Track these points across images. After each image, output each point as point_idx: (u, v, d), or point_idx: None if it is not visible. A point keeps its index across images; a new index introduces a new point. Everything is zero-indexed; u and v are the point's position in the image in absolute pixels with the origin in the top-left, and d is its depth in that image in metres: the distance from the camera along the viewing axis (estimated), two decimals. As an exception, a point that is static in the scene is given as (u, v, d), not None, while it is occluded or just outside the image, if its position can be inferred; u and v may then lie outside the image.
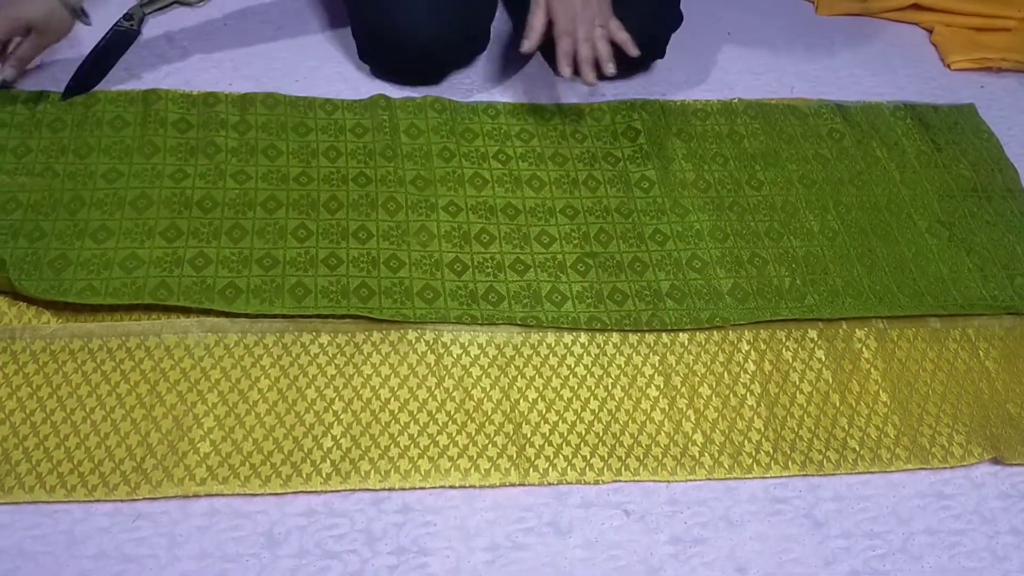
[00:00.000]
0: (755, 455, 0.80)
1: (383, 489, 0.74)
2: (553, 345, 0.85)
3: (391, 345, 0.83)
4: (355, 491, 0.74)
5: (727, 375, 0.85)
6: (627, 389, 0.83)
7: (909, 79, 1.21)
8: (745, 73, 1.18)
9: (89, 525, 0.70)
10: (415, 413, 0.79)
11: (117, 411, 0.76)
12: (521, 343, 0.85)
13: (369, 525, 0.72)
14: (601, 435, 0.79)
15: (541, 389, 0.82)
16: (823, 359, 0.87)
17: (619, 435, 0.80)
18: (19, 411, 0.75)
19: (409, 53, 1.04)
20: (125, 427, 0.75)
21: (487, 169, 0.99)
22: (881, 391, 0.85)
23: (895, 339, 0.89)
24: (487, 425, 0.79)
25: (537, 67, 1.13)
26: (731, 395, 0.83)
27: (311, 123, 1.00)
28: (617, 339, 0.86)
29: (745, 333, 0.88)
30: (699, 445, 0.80)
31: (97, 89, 1.00)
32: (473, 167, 0.99)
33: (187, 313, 0.82)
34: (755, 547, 0.75)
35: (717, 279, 0.92)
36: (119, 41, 1.02)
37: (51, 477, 0.71)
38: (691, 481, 0.78)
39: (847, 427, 0.82)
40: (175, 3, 1.01)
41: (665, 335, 0.87)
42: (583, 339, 0.85)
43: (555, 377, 0.83)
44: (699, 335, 0.87)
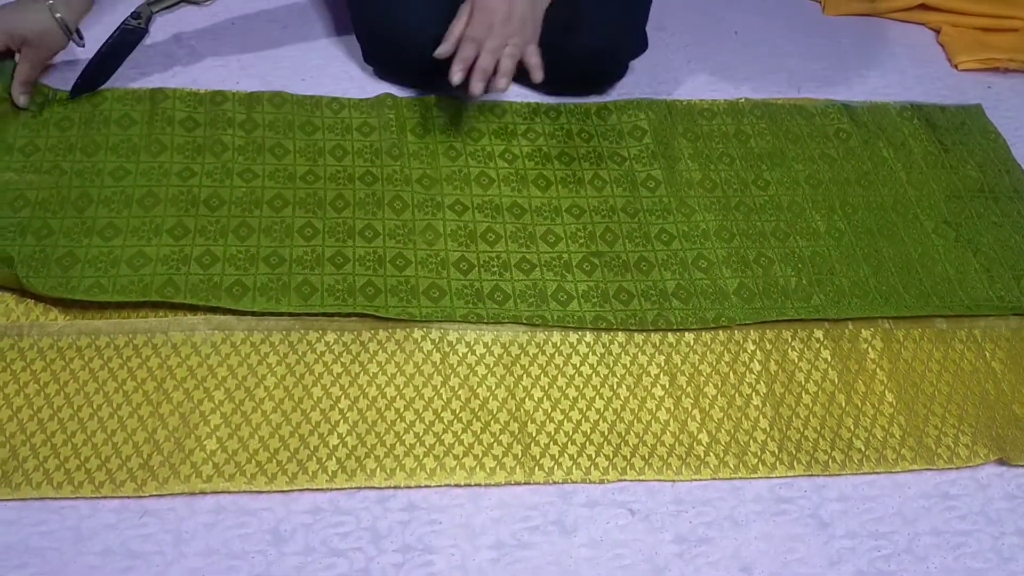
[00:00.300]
0: (760, 455, 0.80)
1: (388, 487, 0.75)
2: (559, 344, 0.85)
3: (397, 343, 0.83)
4: (360, 489, 0.74)
5: (733, 375, 0.85)
6: (632, 388, 0.83)
7: (916, 79, 1.21)
8: (752, 73, 1.18)
9: (96, 521, 0.70)
10: (420, 411, 0.79)
11: (124, 408, 0.76)
12: (527, 342, 0.85)
13: (374, 523, 0.73)
14: (606, 434, 0.79)
15: (546, 388, 0.82)
16: (829, 359, 0.87)
17: (624, 434, 0.80)
18: (26, 408, 0.75)
19: (410, 53, 1.04)
20: (132, 424, 0.75)
21: (493, 168, 0.99)
22: (887, 391, 0.85)
23: (901, 339, 0.89)
24: (492, 424, 0.79)
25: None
26: (737, 395, 0.83)
27: (318, 122, 1.01)
28: (623, 338, 0.86)
29: (751, 333, 0.88)
30: (704, 445, 0.80)
31: (104, 87, 1.00)
32: (479, 166, 0.99)
33: (194, 311, 0.83)
34: (760, 547, 0.75)
35: (723, 279, 0.92)
36: (127, 40, 1.02)
37: (58, 474, 0.72)
38: (696, 481, 0.78)
39: (853, 427, 0.82)
40: (183, 2, 1.01)
41: (671, 334, 0.87)
42: (588, 338, 0.85)
43: (560, 376, 0.83)
44: (705, 335, 0.87)
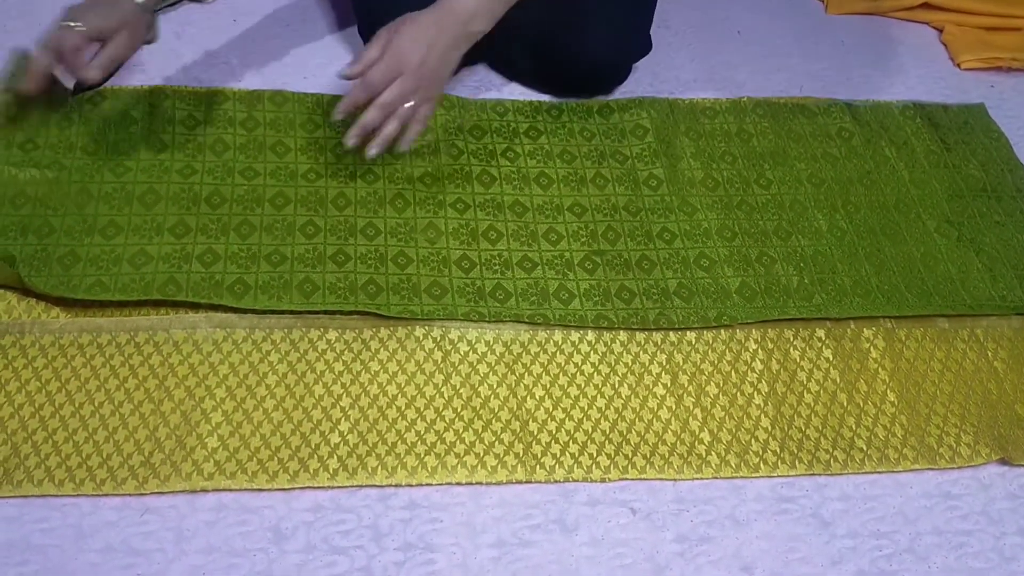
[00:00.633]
0: (762, 454, 0.80)
1: (390, 485, 0.75)
2: (560, 343, 0.85)
3: (398, 342, 0.83)
4: (362, 487, 0.74)
5: (734, 374, 0.85)
6: (634, 387, 0.83)
7: (919, 78, 1.21)
8: (754, 72, 1.18)
9: (97, 519, 0.70)
10: (422, 410, 0.79)
11: (125, 406, 0.76)
12: (528, 340, 0.85)
13: (376, 521, 0.73)
14: (608, 433, 0.79)
15: (548, 386, 0.82)
16: (831, 358, 0.87)
17: (626, 433, 0.80)
18: (28, 405, 0.75)
19: None
20: (133, 422, 0.75)
21: (495, 166, 0.99)
22: (889, 391, 0.85)
23: (903, 339, 0.89)
24: (494, 422, 0.79)
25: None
26: (738, 394, 0.83)
27: (319, 120, 1.00)
28: (624, 337, 0.86)
29: (753, 332, 0.88)
30: (706, 444, 0.80)
31: (105, 86, 1.00)
32: (481, 164, 0.99)
33: (196, 308, 0.83)
34: (761, 546, 0.75)
35: (725, 278, 0.92)
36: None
37: (60, 471, 0.72)
38: (698, 480, 0.78)
39: (854, 427, 0.82)
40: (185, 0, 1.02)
41: (672, 333, 0.87)
42: (590, 337, 0.85)
43: (562, 375, 0.83)
44: (706, 334, 0.87)
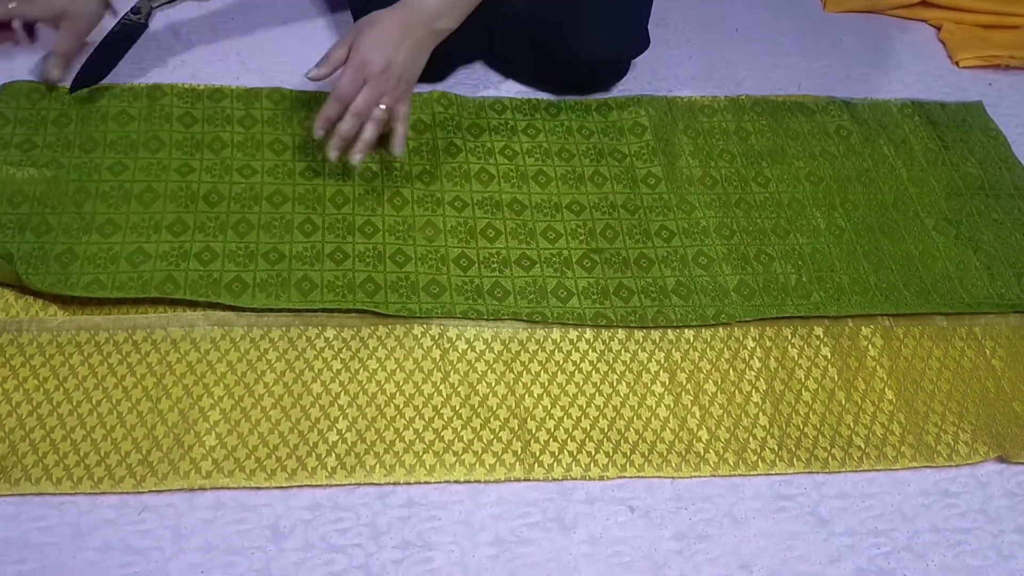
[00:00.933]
0: (760, 452, 0.80)
1: (388, 483, 0.74)
2: (558, 341, 0.85)
3: (396, 340, 0.83)
4: (360, 485, 0.74)
5: (732, 372, 0.85)
6: (632, 385, 0.83)
7: (917, 76, 1.21)
8: (752, 70, 1.18)
9: (95, 517, 0.70)
10: (420, 408, 0.79)
11: (123, 404, 0.76)
12: (526, 338, 0.84)
13: (374, 519, 0.73)
14: (606, 431, 0.79)
15: (546, 385, 0.82)
16: (829, 356, 0.87)
17: (624, 431, 0.80)
18: (25, 403, 0.75)
19: None
20: (131, 420, 0.75)
21: (493, 164, 0.99)
22: (887, 389, 0.85)
23: (901, 337, 0.89)
24: (492, 420, 0.79)
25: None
26: (736, 392, 0.83)
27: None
28: (622, 335, 0.86)
29: (751, 330, 0.88)
30: (704, 441, 0.80)
31: (102, 84, 1.00)
32: (479, 162, 0.99)
33: (193, 307, 0.83)
34: (760, 544, 0.75)
35: (723, 276, 0.92)
36: (126, 35, 1.01)
37: (57, 469, 0.72)
38: (696, 477, 0.78)
39: (852, 424, 0.82)
40: (183, -2, 1.02)
41: (671, 331, 0.87)
42: (588, 335, 0.85)
43: (560, 373, 0.83)
44: (705, 331, 0.87)
